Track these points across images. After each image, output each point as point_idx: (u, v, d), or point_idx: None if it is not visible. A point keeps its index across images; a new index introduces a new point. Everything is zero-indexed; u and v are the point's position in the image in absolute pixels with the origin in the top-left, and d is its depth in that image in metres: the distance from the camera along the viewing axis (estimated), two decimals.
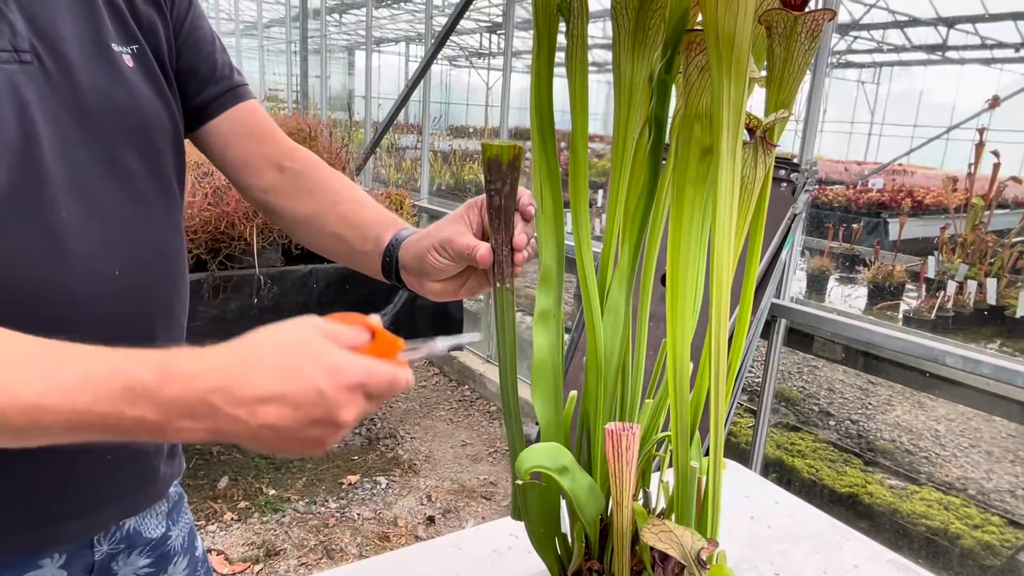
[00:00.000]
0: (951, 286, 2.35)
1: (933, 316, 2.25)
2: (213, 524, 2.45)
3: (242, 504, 2.59)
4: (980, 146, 2.80)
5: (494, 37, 11.10)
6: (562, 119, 0.64)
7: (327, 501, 2.64)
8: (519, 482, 0.66)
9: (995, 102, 3.12)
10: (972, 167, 2.87)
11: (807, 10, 0.60)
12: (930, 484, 3.03)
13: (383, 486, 2.78)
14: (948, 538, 2.57)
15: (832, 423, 3.80)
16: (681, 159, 0.62)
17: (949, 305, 2.31)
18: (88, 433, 0.47)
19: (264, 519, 2.51)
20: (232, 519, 2.49)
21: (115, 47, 0.72)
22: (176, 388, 0.47)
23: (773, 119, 0.62)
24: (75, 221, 0.67)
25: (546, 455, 0.61)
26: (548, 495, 0.68)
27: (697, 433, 0.66)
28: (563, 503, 0.70)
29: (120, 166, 0.72)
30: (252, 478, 2.76)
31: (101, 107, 0.69)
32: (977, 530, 2.62)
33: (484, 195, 0.66)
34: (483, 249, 0.65)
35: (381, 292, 2.61)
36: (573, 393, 0.73)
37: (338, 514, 2.57)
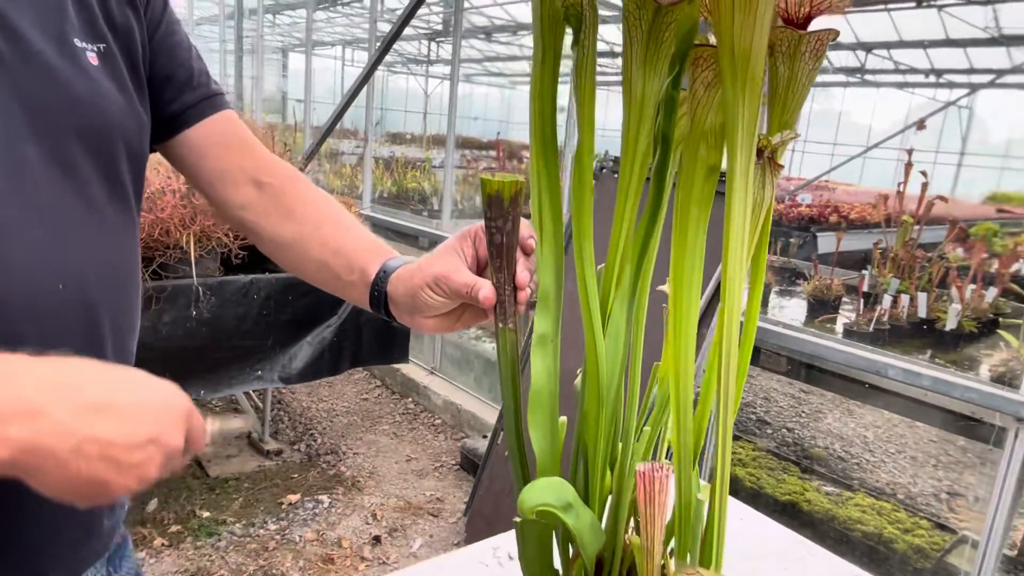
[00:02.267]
0: (887, 300, 2.45)
1: (871, 329, 2.34)
2: (142, 551, 2.29)
3: (173, 528, 2.43)
4: (909, 166, 2.95)
5: (433, 44, 11.04)
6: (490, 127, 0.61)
7: (266, 523, 2.52)
8: (517, 520, 0.62)
9: (921, 124, 3.30)
10: (901, 185, 3.02)
11: (811, 29, 0.59)
12: (862, 490, 3.15)
13: (325, 505, 2.67)
14: (883, 543, 2.66)
15: (769, 431, 3.90)
16: (686, 178, 0.60)
17: (885, 318, 2.40)
18: None
19: (198, 544, 2.37)
20: (163, 545, 2.34)
21: (78, 43, 0.66)
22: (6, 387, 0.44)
23: (780, 139, 0.61)
24: (14, 225, 0.59)
25: (551, 492, 0.58)
26: (545, 532, 0.64)
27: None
28: (555, 539, 0.67)
29: (73, 169, 0.65)
30: (184, 500, 2.61)
31: (57, 102, 0.62)
32: (908, 534, 2.73)
33: (481, 228, 0.63)
34: (486, 289, 0.61)
35: (326, 303, 2.52)
36: (563, 419, 0.70)
37: (278, 536, 2.45)
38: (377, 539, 2.48)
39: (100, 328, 0.69)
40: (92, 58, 0.67)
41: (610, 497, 0.67)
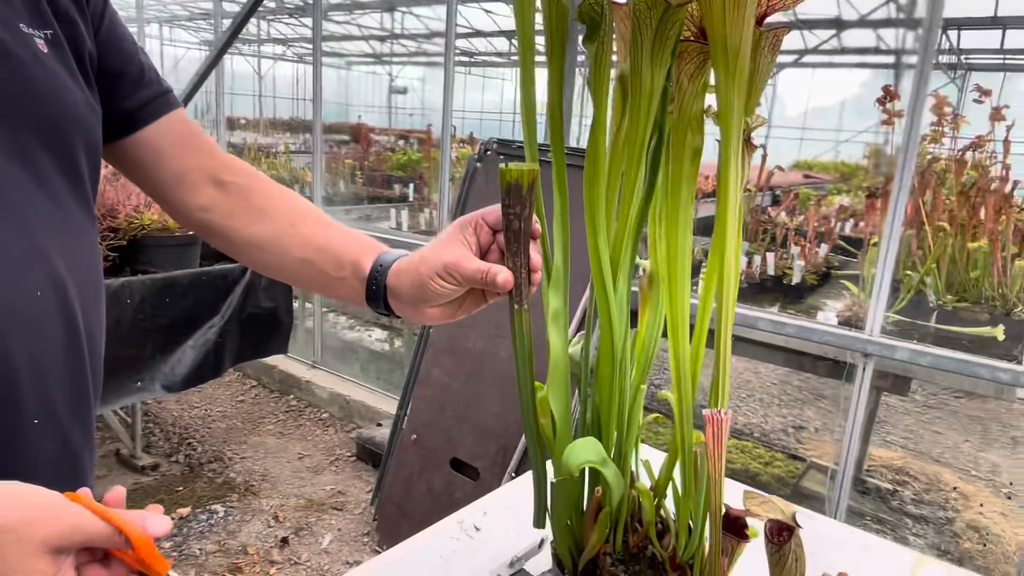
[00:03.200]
0: (743, 261, 2.74)
1: None
2: None
3: None
4: (748, 140, 3.27)
5: (263, 23, 10.43)
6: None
7: (158, 540, 2.35)
8: (553, 480, 0.68)
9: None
10: None
11: (767, 26, 0.68)
12: None
13: (221, 514, 2.54)
14: (750, 476, 3.00)
15: (651, 390, 4.19)
16: (676, 160, 0.68)
17: (743, 278, 2.68)
18: None
19: None
20: None
21: (24, 28, 0.61)
22: None
23: (754, 124, 0.70)
24: None
25: (592, 451, 0.64)
26: (575, 489, 0.70)
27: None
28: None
29: (33, 163, 0.61)
30: None
31: (14, 90, 0.58)
32: (768, 466, 3.09)
33: (480, 217, 0.67)
34: (504, 274, 0.63)
35: (206, 304, 2.37)
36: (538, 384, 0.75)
37: (175, 553, 2.30)
38: (284, 540, 2.41)
39: (79, 335, 0.65)
40: (41, 44, 0.63)
41: (614, 450, 0.74)
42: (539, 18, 0.65)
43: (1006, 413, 3.87)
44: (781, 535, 0.49)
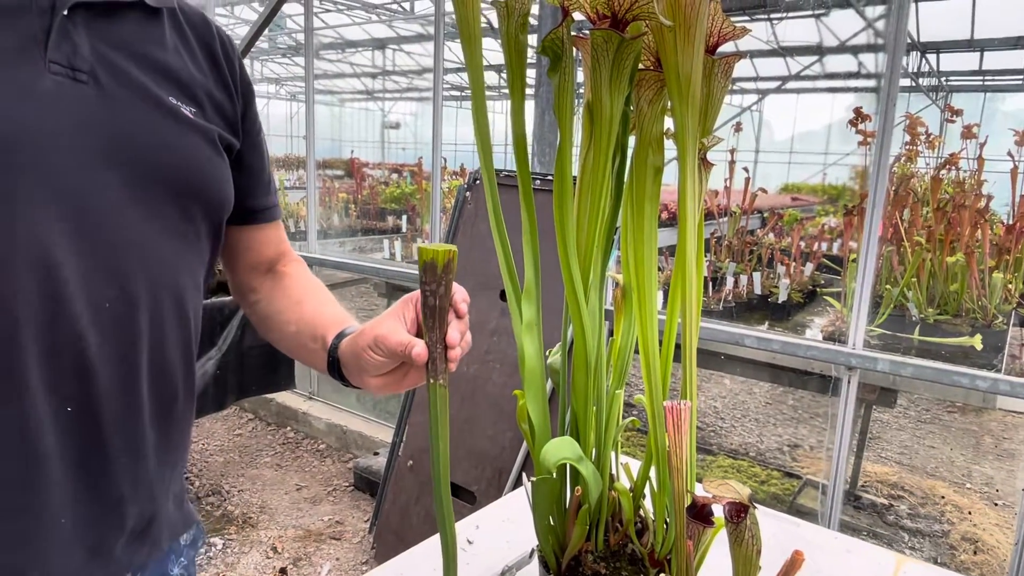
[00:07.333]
0: (729, 281, 2.79)
1: (721, 307, 2.66)
2: None
3: None
4: (732, 164, 3.37)
5: (256, 63, 10.64)
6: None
7: None
8: (533, 479, 0.72)
9: (739, 126, 3.78)
10: (728, 181, 3.44)
11: (719, 55, 0.75)
12: (722, 453, 3.53)
13: (219, 547, 2.55)
14: None
15: (635, 412, 4.23)
16: (639, 179, 0.73)
17: (730, 298, 2.74)
18: None
19: None
20: None
21: (171, 100, 0.70)
22: None
23: (708, 143, 0.76)
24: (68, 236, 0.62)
25: (568, 448, 0.68)
26: (554, 487, 0.74)
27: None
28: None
29: (147, 203, 0.68)
30: None
31: (145, 141, 0.66)
32: (764, 485, 3.11)
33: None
34: (419, 347, 0.65)
35: (203, 334, 2.40)
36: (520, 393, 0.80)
37: None
38: (283, 571, 2.41)
39: (138, 357, 0.69)
40: (188, 113, 0.71)
41: (593, 452, 0.79)
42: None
43: (997, 425, 3.91)
44: (739, 515, 0.53)
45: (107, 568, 0.71)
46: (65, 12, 0.63)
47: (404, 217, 4.81)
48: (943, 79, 7.79)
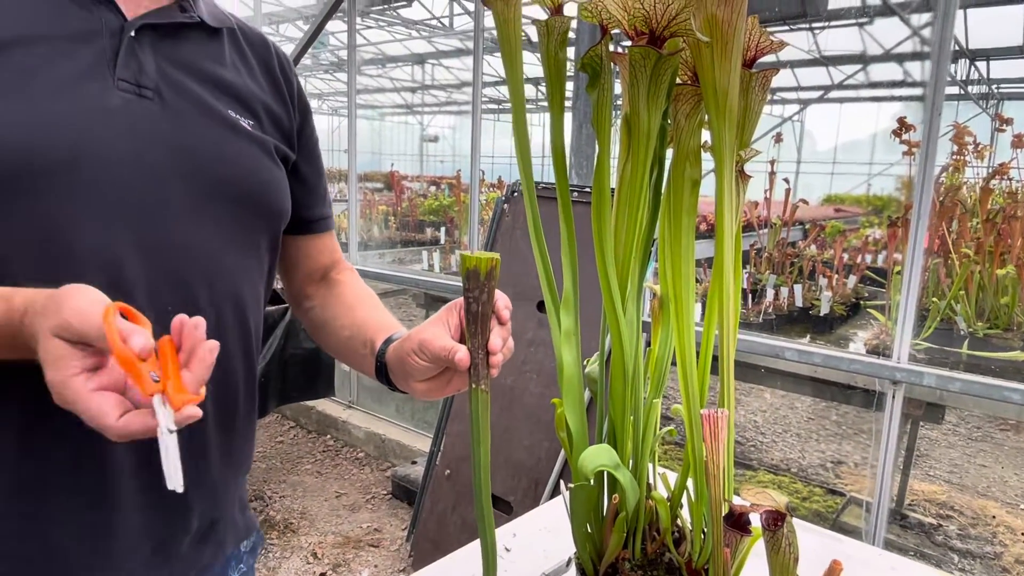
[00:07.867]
0: (769, 293, 2.76)
1: (761, 320, 2.63)
2: None
3: None
4: (773, 175, 3.34)
5: (300, 79, 10.91)
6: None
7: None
8: (571, 486, 0.73)
9: (779, 137, 3.74)
10: (768, 192, 3.40)
11: (757, 66, 0.75)
12: (762, 468, 3.47)
13: (261, 551, 2.60)
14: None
15: (672, 423, 4.19)
16: (677, 192, 0.74)
17: (771, 310, 2.71)
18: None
19: None
20: None
21: (230, 113, 0.74)
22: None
23: (746, 155, 0.77)
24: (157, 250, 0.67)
25: (605, 455, 0.69)
26: (592, 494, 0.75)
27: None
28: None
29: (209, 212, 0.71)
30: None
31: (205, 153, 0.70)
32: (806, 502, 3.05)
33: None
34: (461, 352, 0.66)
35: None
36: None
37: None
38: None
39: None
40: (246, 125, 0.75)
41: (631, 461, 0.79)
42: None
43: None
44: (776, 523, 0.54)
45: (171, 566, 0.74)
46: (132, 33, 0.67)
47: (442, 229, 4.87)
48: (993, 87, 7.58)
